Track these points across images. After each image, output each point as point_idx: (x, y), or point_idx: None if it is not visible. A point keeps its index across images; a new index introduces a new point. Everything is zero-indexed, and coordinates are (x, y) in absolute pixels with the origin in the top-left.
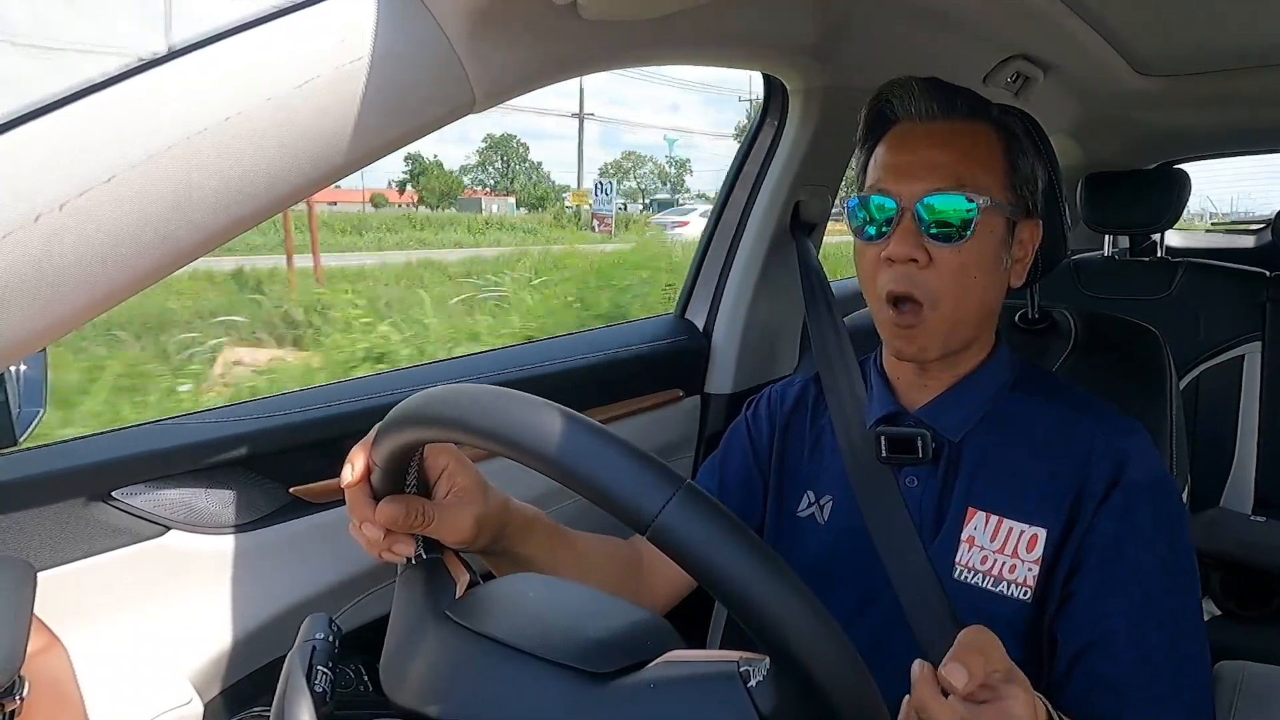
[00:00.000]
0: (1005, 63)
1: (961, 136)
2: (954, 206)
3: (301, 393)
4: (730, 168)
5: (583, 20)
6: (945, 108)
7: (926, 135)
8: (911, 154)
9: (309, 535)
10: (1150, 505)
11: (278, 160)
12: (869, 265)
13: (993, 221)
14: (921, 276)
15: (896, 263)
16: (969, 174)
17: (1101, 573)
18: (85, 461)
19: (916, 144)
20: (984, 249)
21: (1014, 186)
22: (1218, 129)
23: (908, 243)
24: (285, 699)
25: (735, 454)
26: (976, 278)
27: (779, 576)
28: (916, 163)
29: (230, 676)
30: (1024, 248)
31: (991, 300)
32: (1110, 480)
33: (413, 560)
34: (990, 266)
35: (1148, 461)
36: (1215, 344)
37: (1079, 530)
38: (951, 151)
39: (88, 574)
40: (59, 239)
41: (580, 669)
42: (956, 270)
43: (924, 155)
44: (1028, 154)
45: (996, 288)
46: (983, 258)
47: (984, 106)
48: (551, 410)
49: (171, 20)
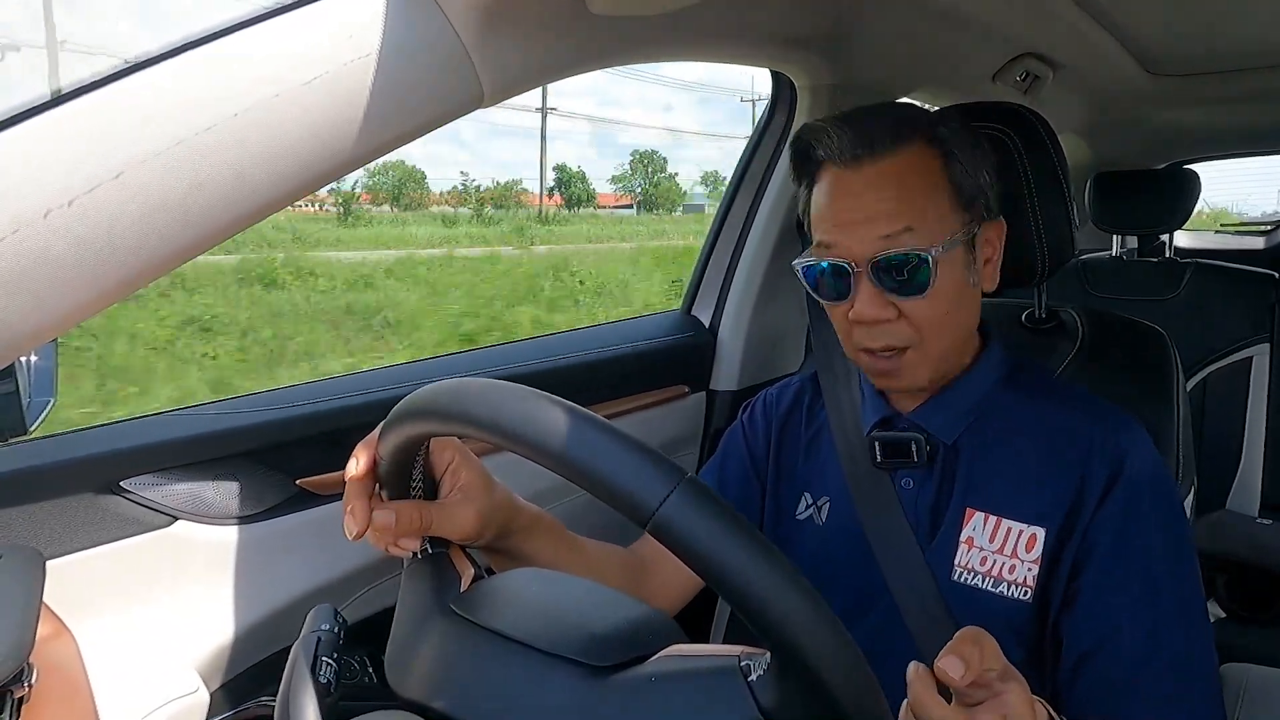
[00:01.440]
0: (1014, 61)
1: (896, 175)
2: (908, 264)
3: (308, 385)
4: (738, 164)
5: (592, 15)
6: (868, 147)
7: (859, 181)
8: (850, 205)
9: (315, 527)
10: (1150, 501)
11: (285, 155)
12: (840, 323)
13: (952, 257)
14: (895, 329)
15: (868, 324)
16: (912, 210)
17: (1105, 571)
18: (94, 451)
19: (852, 192)
20: (950, 286)
21: (961, 204)
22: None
23: (874, 304)
24: (290, 689)
25: (732, 458)
26: (949, 313)
27: (780, 570)
28: (857, 213)
29: (236, 666)
30: (990, 247)
31: (971, 320)
32: (1110, 477)
33: (418, 554)
34: (961, 296)
35: (1146, 457)
36: (1223, 345)
37: (1079, 529)
38: (889, 196)
39: (96, 563)
40: (69, 234)
41: (582, 662)
42: (927, 316)
43: (864, 205)
44: (967, 163)
45: (972, 307)
46: (951, 294)
47: (909, 129)
48: (554, 404)
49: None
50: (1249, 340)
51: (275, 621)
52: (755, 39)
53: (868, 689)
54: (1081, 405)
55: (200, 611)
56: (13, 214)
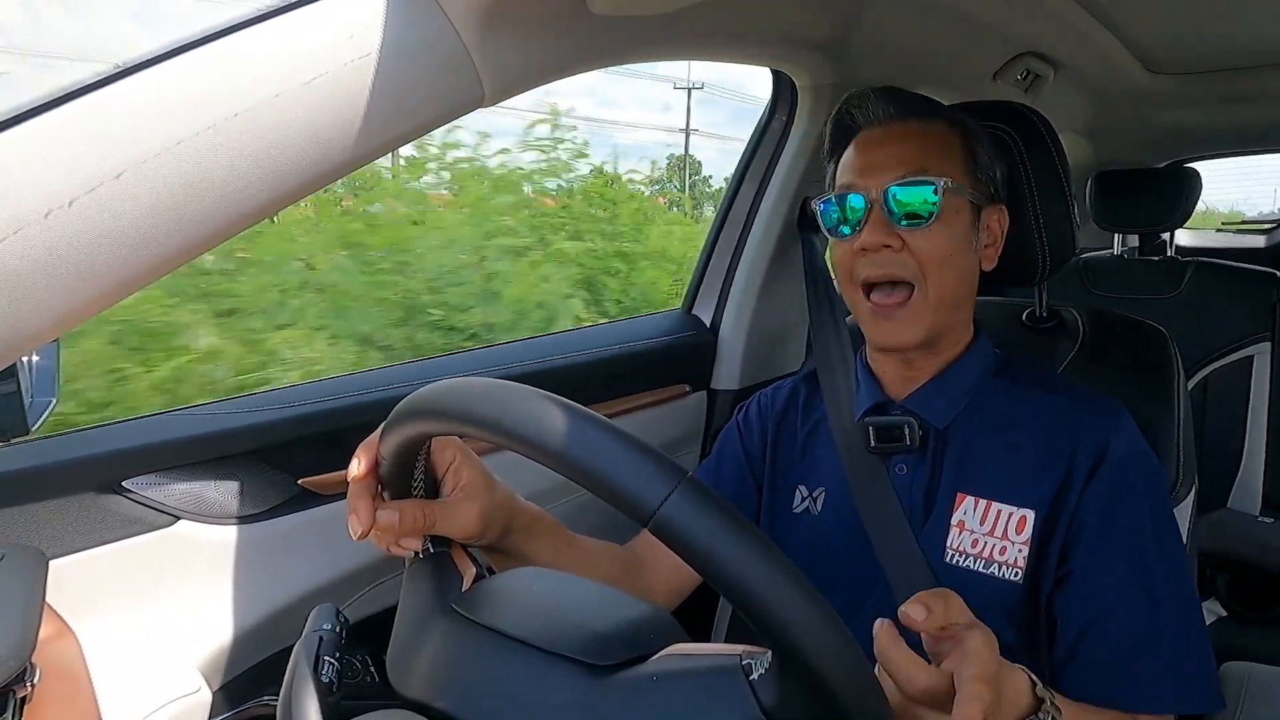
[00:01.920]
0: (1015, 60)
1: (919, 132)
2: (919, 191)
3: (311, 385)
4: (739, 163)
5: (593, 15)
6: (901, 110)
7: (887, 135)
8: (875, 152)
9: (317, 527)
10: (1135, 481)
11: (285, 155)
12: (845, 259)
13: (957, 203)
14: (899, 258)
15: (871, 251)
16: (929, 161)
17: (1094, 552)
18: (97, 451)
19: (877, 143)
20: (953, 229)
21: (974, 173)
22: (1229, 128)
23: (880, 231)
24: (292, 688)
25: (728, 458)
26: (951, 256)
27: (780, 569)
28: (880, 159)
29: (238, 666)
30: (992, 233)
31: (968, 278)
32: (1095, 459)
33: (420, 554)
34: (962, 246)
35: (1130, 440)
36: (1224, 344)
37: (1068, 510)
38: (911, 144)
39: (99, 563)
40: (69, 234)
41: (584, 661)
42: (930, 251)
43: (886, 151)
44: (985, 147)
45: (971, 267)
46: (953, 237)
47: (938, 108)
48: (555, 403)
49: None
50: (1250, 339)
51: (277, 621)
52: (755, 38)
53: (868, 688)
54: (1069, 393)
55: (202, 611)
56: (14, 214)
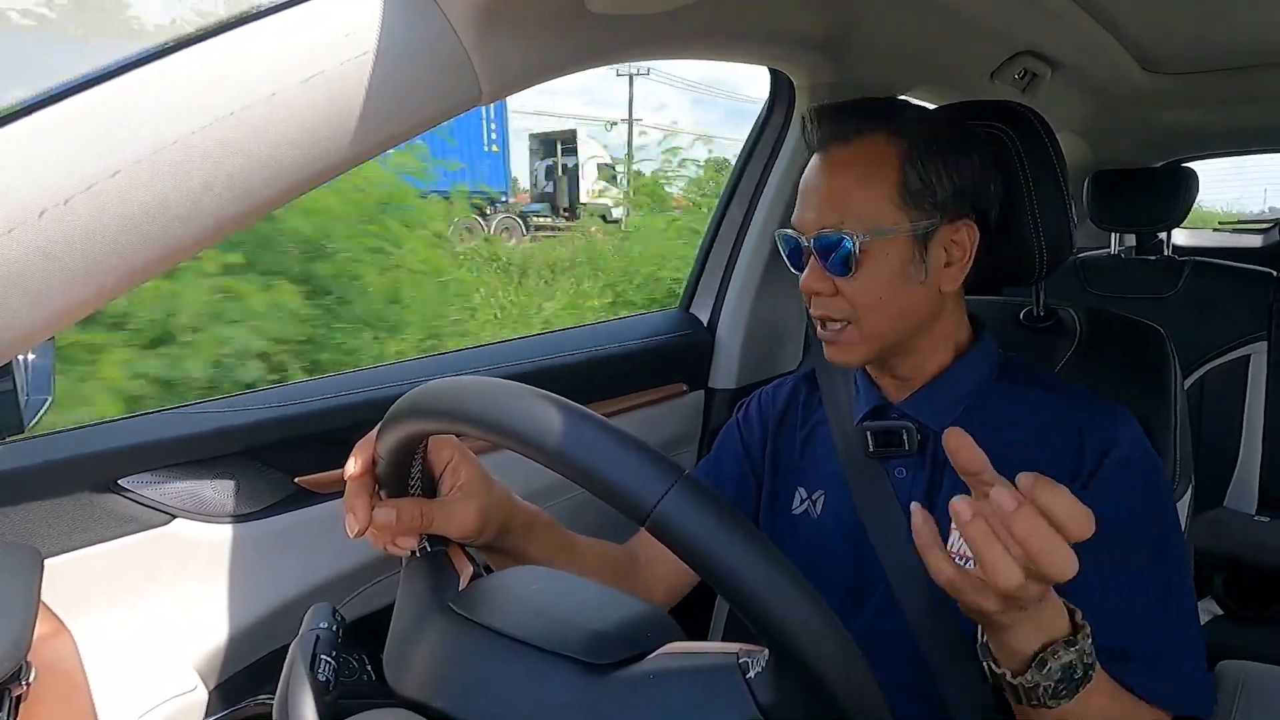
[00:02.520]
0: (1013, 59)
1: (850, 164)
2: (836, 246)
3: (307, 383)
4: (736, 161)
5: (591, 14)
6: (841, 132)
7: (822, 167)
8: (810, 191)
9: (314, 525)
10: (1138, 482)
11: (281, 154)
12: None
13: (883, 246)
14: (833, 303)
15: (809, 294)
16: (853, 206)
17: (1098, 550)
18: (92, 449)
19: (815, 176)
20: (878, 275)
21: (910, 201)
22: (1226, 127)
23: (814, 277)
24: (288, 687)
25: (728, 456)
26: (882, 298)
27: (777, 567)
28: (813, 197)
29: (234, 664)
30: (958, 249)
31: (915, 310)
32: (1098, 460)
33: (417, 553)
34: (895, 285)
35: (1135, 442)
36: (1221, 343)
37: None
38: (836, 184)
39: (94, 561)
40: (64, 233)
41: (581, 660)
42: (858, 295)
43: (817, 190)
44: (929, 161)
45: (911, 302)
46: (880, 281)
47: (872, 121)
48: (552, 402)
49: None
50: (1247, 338)
51: (274, 620)
52: (753, 38)
53: (866, 686)
54: (1071, 397)
55: (198, 610)
56: (9, 213)
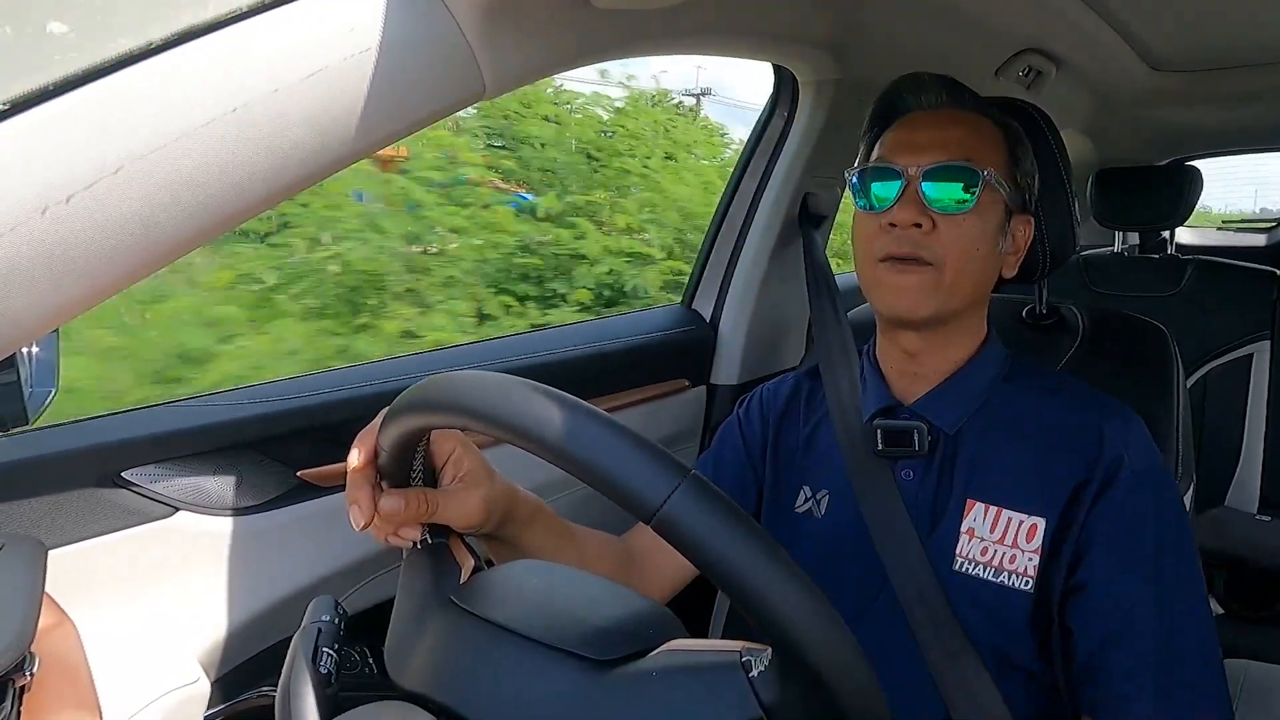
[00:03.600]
0: (1018, 56)
1: (967, 122)
2: (959, 176)
3: (310, 377)
4: (739, 158)
5: (595, 9)
6: (954, 99)
7: (933, 118)
8: (918, 133)
9: (316, 519)
10: (1151, 492)
11: (285, 150)
12: (869, 233)
13: (993, 199)
14: (924, 239)
15: (899, 228)
16: (974, 151)
17: (1109, 562)
18: (96, 442)
19: (923, 125)
20: (984, 224)
21: (1014, 177)
22: (1231, 126)
23: (912, 209)
24: (290, 680)
25: (728, 451)
26: (978, 250)
27: (782, 568)
28: (924, 140)
29: (237, 656)
30: (1017, 241)
31: (987, 277)
32: (1110, 469)
33: (418, 545)
34: (989, 243)
35: (1146, 451)
36: (1224, 342)
37: (1079, 519)
38: (957, 131)
39: (98, 553)
40: (67, 230)
41: (583, 656)
42: (958, 239)
43: (931, 134)
44: (1028, 151)
45: (992, 268)
46: (983, 231)
47: (987, 105)
48: (559, 398)
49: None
50: (1249, 337)
51: (276, 612)
52: (757, 34)
53: (869, 687)
54: (1082, 399)
55: (201, 602)
56: (11, 210)
